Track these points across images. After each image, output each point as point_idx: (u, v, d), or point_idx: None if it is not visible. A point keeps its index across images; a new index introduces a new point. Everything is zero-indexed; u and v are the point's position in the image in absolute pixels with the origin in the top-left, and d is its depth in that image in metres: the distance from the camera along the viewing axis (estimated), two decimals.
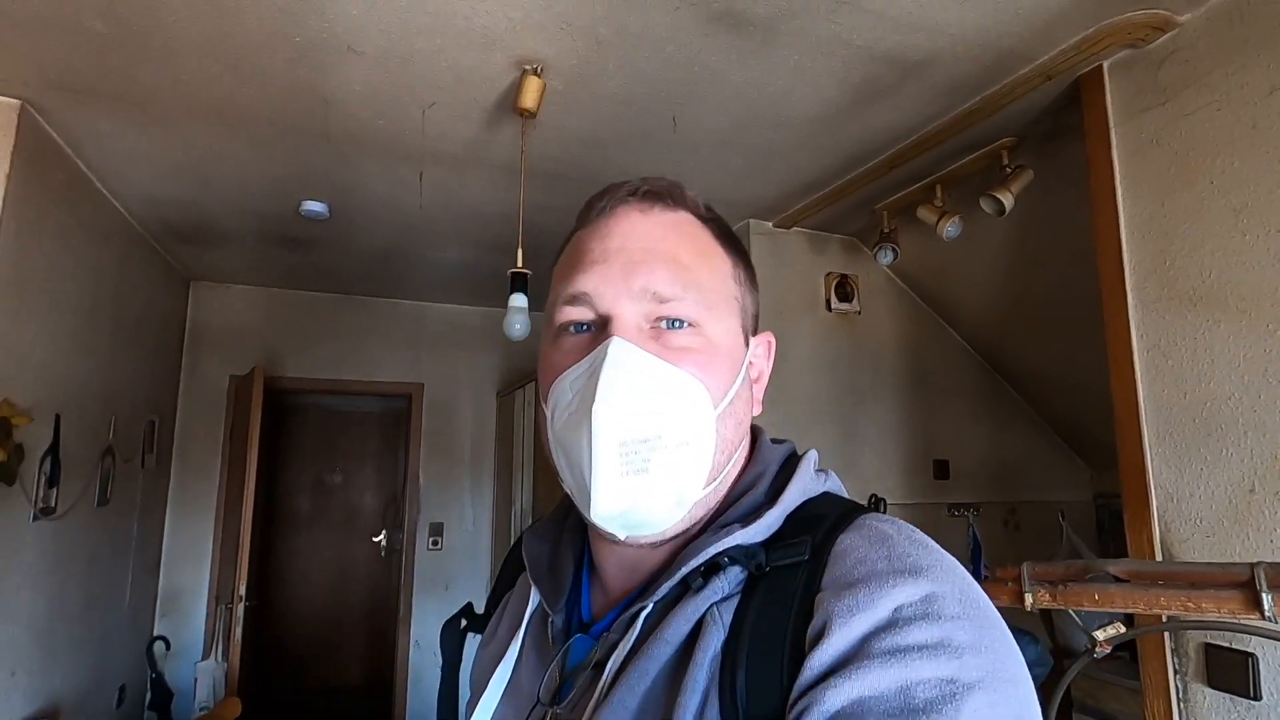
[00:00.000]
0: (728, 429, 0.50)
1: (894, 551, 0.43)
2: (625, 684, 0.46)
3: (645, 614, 0.48)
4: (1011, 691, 0.38)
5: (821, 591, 0.43)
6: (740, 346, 0.54)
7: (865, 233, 2.86)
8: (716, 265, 0.53)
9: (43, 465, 2.14)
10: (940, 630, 0.39)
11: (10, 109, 1.84)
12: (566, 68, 1.69)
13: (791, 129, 2.01)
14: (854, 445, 2.79)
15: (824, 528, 0.47)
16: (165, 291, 3.31)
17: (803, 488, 0.52)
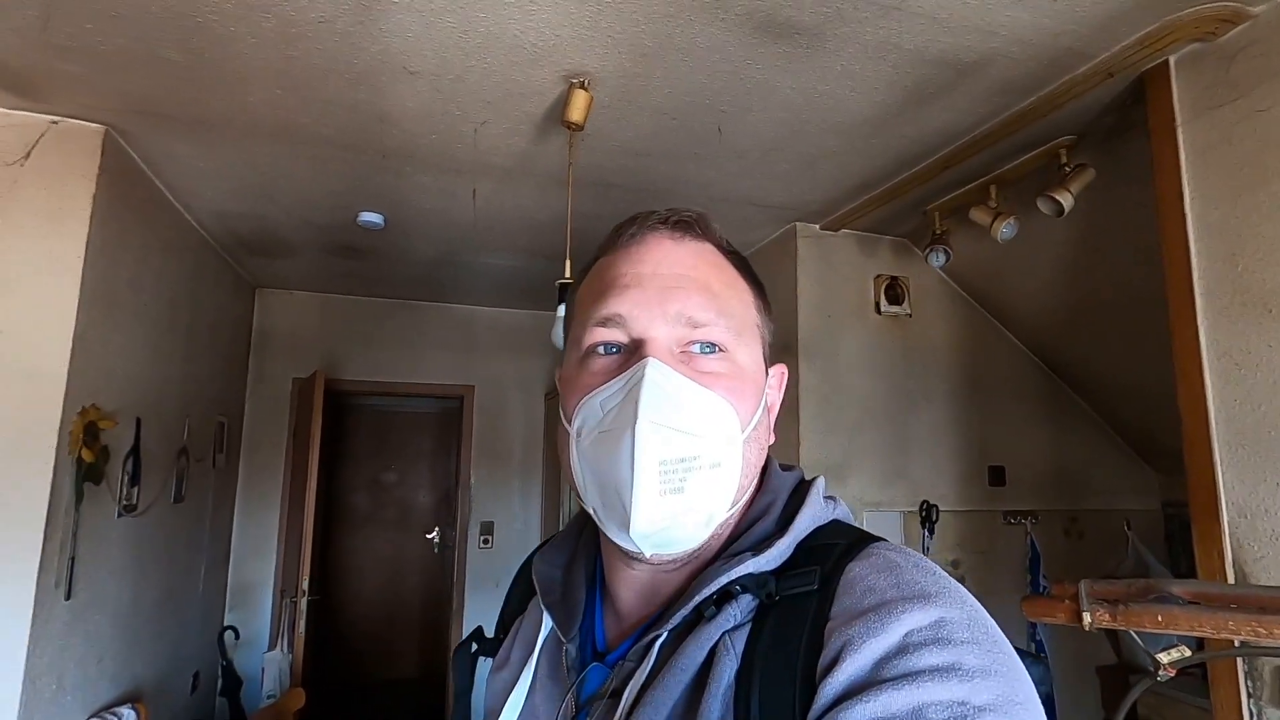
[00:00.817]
0: (752, 453, 0.51)
1: (902, 579, 0.44)
2: (641, 714, 0.46)
3: (660, 642, 0.49)
4: (1022, 714, 0.38)
5: (832, 620, 0.43)
6: (762, 374, 0.55)
7: (916, 234, 2.80)
8: (742, 295, 0.55)
9: (125, 465, 2.29)
10: (951, 654, 0.39)
11: (96, 134, 1.97)
12: (612, 81, 1.71)
13: (840, 133, 1.99)
14: (905, 450, 2.74)
15: (833, 557, 0.48)
16: (234, 299, 3.48)
17: (813, 516, 0.52)
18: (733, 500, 0.50)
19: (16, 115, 1.88)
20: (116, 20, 1.50)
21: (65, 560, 1.94)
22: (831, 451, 2.63)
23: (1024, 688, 0.40)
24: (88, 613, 2.09)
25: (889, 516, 2.67)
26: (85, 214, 1.93)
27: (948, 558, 2.74)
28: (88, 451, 1.99)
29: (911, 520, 2.71)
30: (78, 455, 1.95)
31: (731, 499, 0.50)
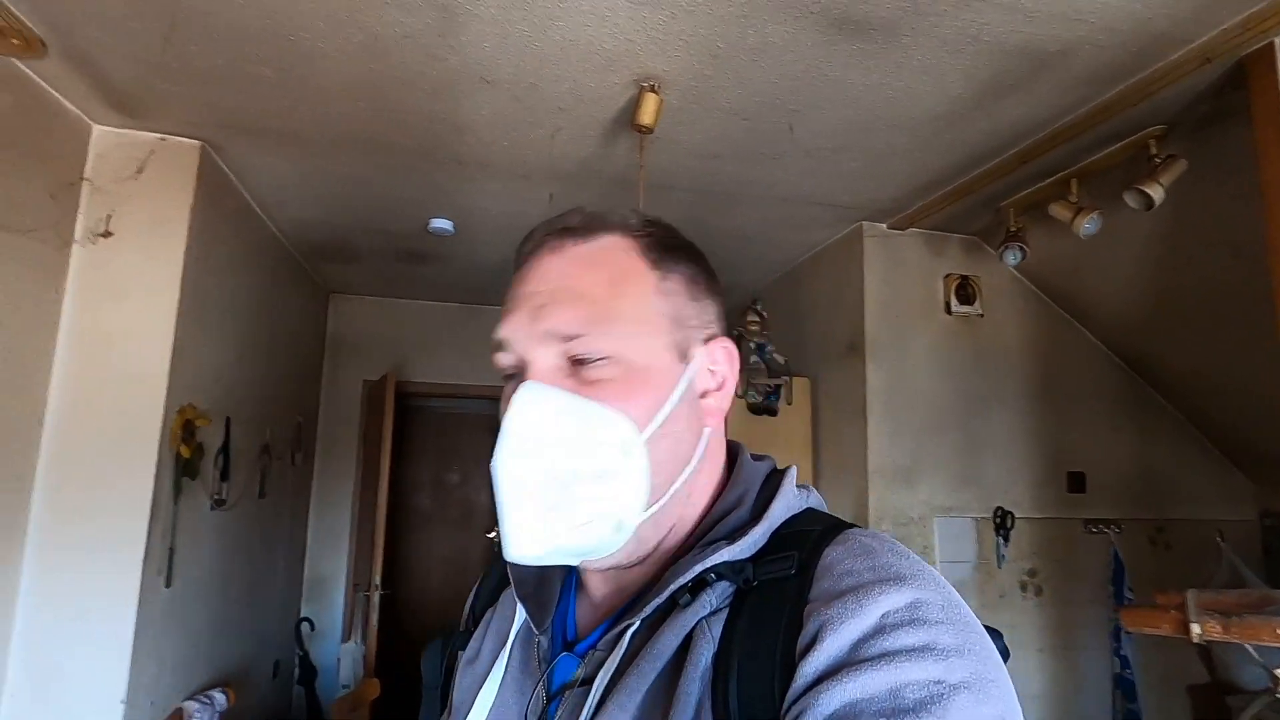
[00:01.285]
0: (661, 451, 0.50)
1: (878, 563, 0.45)
2: (615, 700, 0.46)
3: (633, 631, 0.49)
4: (994, 690, 0.40)
5: (810, 603, 0.44)
6: (672, 365, 0.52)
7: (988, 232, 2.71)
8: (636, 288, 0.52)
9: (216, 462, 2.42)
10: (926, 634, 0.40)
11: (194, 149, 2.10)
12: (682, 83, 1.72)
13: (912, 129, 1.95)
14: (977, 455, 2.66)
15: (809, 543, 0.48)
16: (309, 304, 3.64)
17: (786, 504, 0.53)
18: (647, 501, 0.49)
19: (128, 134, 2.02)
20: (217, 41, 1.60)
21: (165, 550, 2.06)
22: (899, 455, 2.57)
23: (995, 666, 0.41)
24: (184, 600, 2.21)
25: (961, 523, 2.60)
26: (184, 226, 2.06)
27: (1024, 566, 2.64)
28: (185, 448, 2.12)
29: (985, 527, 2.62)
30: (176, 451, 2.08)
31: (643, 500, 0.49)
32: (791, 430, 2.89)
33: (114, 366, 1.94)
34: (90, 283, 1.94)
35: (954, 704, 0.38)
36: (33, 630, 1.81)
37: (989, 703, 0.39)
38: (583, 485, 0.48)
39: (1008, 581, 2.62)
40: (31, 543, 1.83)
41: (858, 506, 2.59)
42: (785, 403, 2.89)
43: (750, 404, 2.85)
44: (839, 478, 2.74)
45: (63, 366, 1.90)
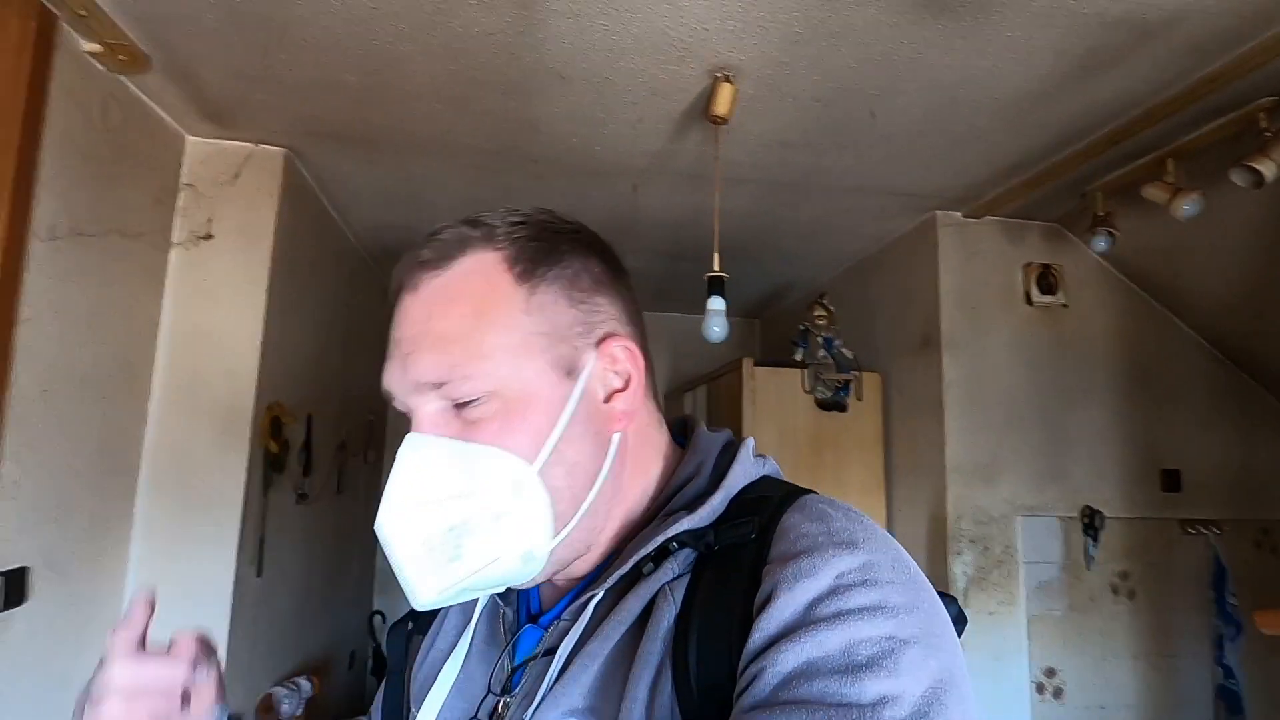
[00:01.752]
0: (559, 476, 0.48)
1: (832, 526, 0.47)
2: (579, 663, 0.47)
3: (596, 601, 0.50)
4: (941, 644, 0.42)
5: (769, 565, 0.46)
6: (555, 385, 0.49)
7: (1071, 218, 2.59)
8: (501, 312, 0.49)
9: (300, 457, 2.51)
10: (878, 594, 0.42)
11: (278, 157, 2.18)
12: (757, 72, 1.70)
13: (994, 110, 1.88)
14: (1061, 452, 2.54)
15: (769, 508, 0.50)
16: (382, 306, 3.74)
17: (744, 471, 0.54)
18: (555, 528, 0.48)
19: (218, 144, 2.11)
20: (307, 50, 1.66)
21: (256, 541, 2.15)
22: (978, 451, 2.48)
23: (942, 622, 0.44)
24: (273, 590, 2.30)
25: (1046, 522, 2.48)
26: (270, 231, 2.14)
27: (1115, 568, 2.51)
28: (273, 444, 2.20)
29: (1072, 527, 2.50)
30: (265, 447, 2.16)
31: (550, 528, 0.48)
32: (862, 427, 2.82)
33: (209, 365, 2.04)
34: (187, 284, 2.04)
35: (904, 657, 0.39)
36: None
37: (936, 655, 0.41)
38: (478, 531, 0.47)
39: (1097, 584, 2.49)
40: (138, 533, 1.93)
41: (935, 505, 2.51)
42: (855, 398, 2.82)
43: (819, 400, 2.80)
44: (913, 476, 2.66)
45: (164, 365, 2.00)
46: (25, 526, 1.52)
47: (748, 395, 2.75)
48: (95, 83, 1.68)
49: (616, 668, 0.47)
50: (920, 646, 0.40)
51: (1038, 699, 2.39)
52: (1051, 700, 2.40)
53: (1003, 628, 2.39)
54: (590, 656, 0.48)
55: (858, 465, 2.79)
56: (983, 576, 2.42)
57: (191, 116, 1.99)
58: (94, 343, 1.73)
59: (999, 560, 2.44)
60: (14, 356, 1.48)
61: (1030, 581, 2.45)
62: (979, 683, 2.34)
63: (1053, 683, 2.41)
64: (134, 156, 1.85)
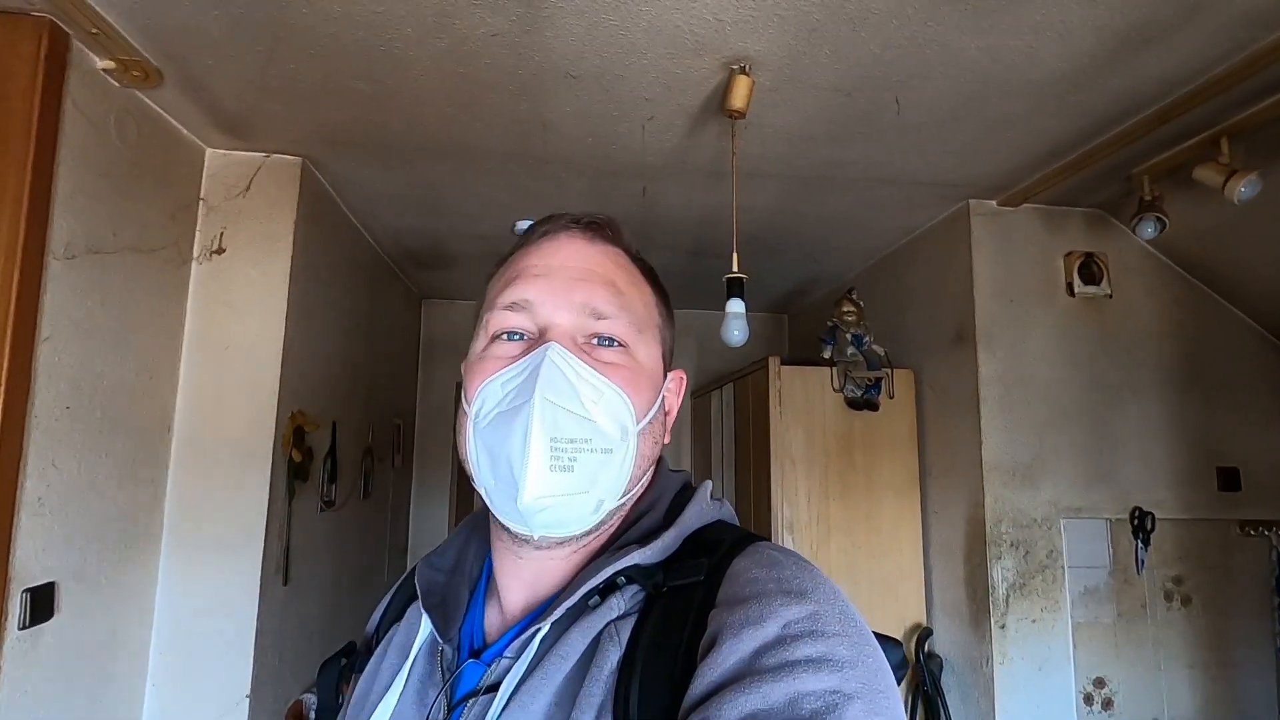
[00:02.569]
0: (646, 445, 0.54)
1: (782, 574, 0.46)
2: (518, 702, 0.47)
3: (541, 634, 0.49)
4: (884, 701, 0.41)
5: (715, 609, 0.45)
6: (660, 374, 0.57)
7: (1115, 204, 2.46)
8: (645, 297, 0.58)
9: (325, 465, 2.52)
10: (824, 646, 0.42)
11: (295, 166, 2.18)
12: (775, 63, 1.63)
13: (1031, 94, 1.77)
14: (1108, 450, 2.41)
15: (720, 551, 0.49)
16: (404, 310, 3.76)
17: (699, 512, 0.55)
18: (624, 489, 0.52)
19: (236, 155, 2.12)
20: (315, 58, 1.64)
21: (281, 549, 2.16)
22: (1018, 451, 2.37)
23: (886, 676, 0.43)
24: (300, 596, 2.32)
25: (1093, 525, 2.36)
26: (289, 239, 2.14)
27: (1168, 573, 2.38)
28: (297, 452, 2.21)
29: (1120, 529, 2.37)
30: (289, 456, 2.17)
31: (622, 488, 0.52)
32: (894, 426, 2.73)
33: (231, 376, 2.04)
34: (208, 296, 2.05)
35: (847, 713, 0.39)
36: (170, 626, 1.93)
37: (879, 712, 0.40)
38: (589, 455, 0.50)
39: (1149, 590, 2.36)
40: (166, 543, 1.95)
41: (971, 507, 2.41)
42: (886, 396, 2.73)
43: (848, 399, 2.71)
44: (949, 476, 2.56)
45: (187, 377, 2.02)
46: (52, 543, 1.54)
47: (774, 395, 2.67)
48: (109, 99, 1.69)
49: (559, 709, 0.46)
50: (864, 703, 0.40)
51: (1085, 710, 2.28)
52: (1100, 712, 2.28)
53: (1047, 636, 2.29)
54: (532, 693, 0.47)
55: (890, 466, 2.70)
56: (1024, 582, 2.31)
57: (208, 129, 2.00)
58: (116, 359, 1.74)
59: (1042, 565, 2.33)
60: (36, 375, 1.49)
61: (1075, 587, 2.33)
62: (1022, 693, 2.24)
63: (1102, 693, 2.29)
64: (151, 172, 1.85)
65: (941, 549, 2.60)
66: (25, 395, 1.47)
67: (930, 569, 2.67)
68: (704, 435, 3.86)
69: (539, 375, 0.49)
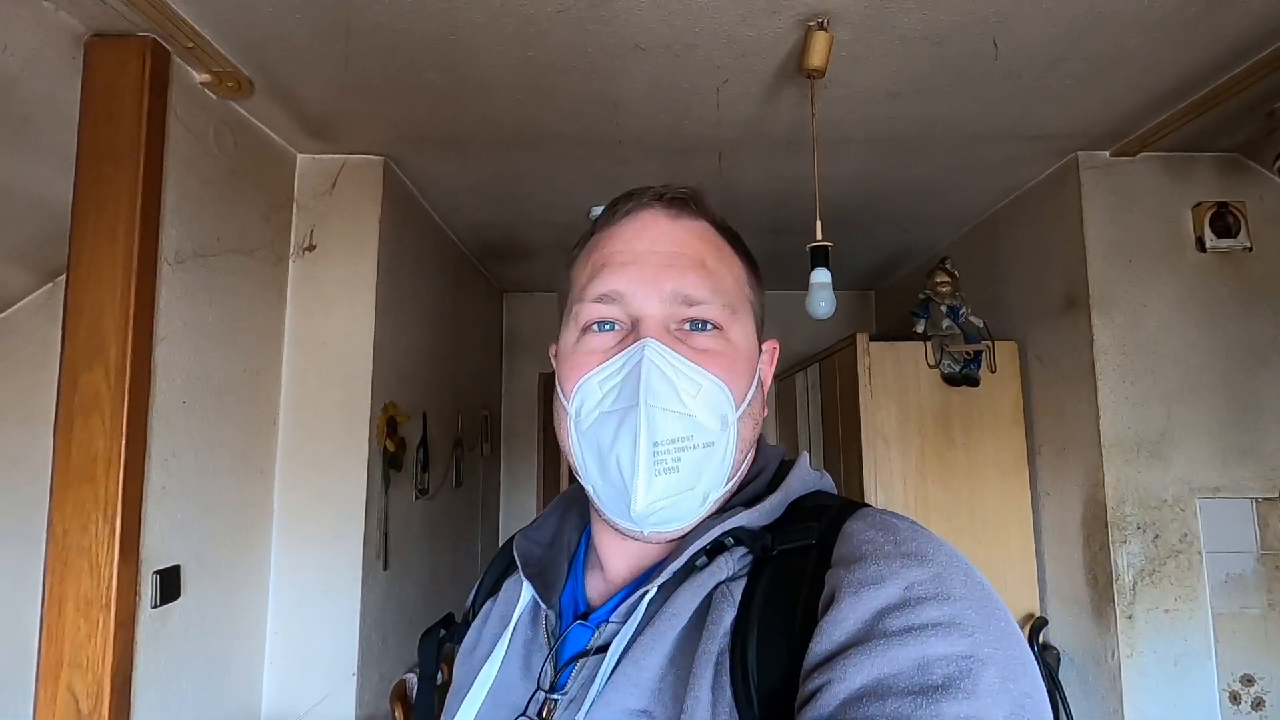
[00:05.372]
0: (746, 429, 0.53)
1: (899, 537, 0.44)
2: (631, 661, 0.46)
3: (649, 597, 0.48)
4: (1019, 668, 0.38)
5: (832, 569, 0.43)
6: (755, 351, 0.56)
7: (1255, 145, 2.18)
8: (736, 271, 0.55)
9: (418, 455, 2.61)
10: (952, 609, 0.39)
11: (378, 165, 2.25)
12: (856, 14, 1.52)
13: (1149, 25, 1.58)
14: (1250, 422, 2.15)
15: (829, 515, 0.48)
16: (487, 303, 3.85)
17: (802, 479, 0.54)
18: (727, 477, 0.52)
19: (322, 159, 2.21)
20: (389, 53, 1.67)
21: (380, 536, 2.25)
22: (1144, 426, 2.15)
23: (1021, 645, 0.40)
24: (399, 581, 2.41)
25: (1236, 505, 2.12)
26: (375, 237, 2.21)
27: None
28: (390, 443, 2.29)
29: (1269, 509, 2.12)
30: (383, 446, 2.25)
31: (726, 475, 0.52)
32: (998, 402, 2.55)
33: (328, 371, 2.14)
34: (303, 294, 2.15)
35: (982, 680, 0.36)
36: (283, 607, 2.05)
37: (1017, 680, 0.37)
38: (692, 452, 0.49)
39: None
40: (276, 530, 2.07)
41: (1090, 487, 2.21)
42: (988, 370, 2.55)
43: (945, 374, 2.55)
44: (1063, 454, 2.36)
45: (288, 373, 2.12)
46: (176, 528, 1.66)
47: (863, 372, 2.55)
48: (208, 111, 1.78)
49: (673, 666, 0.46)
50: (999, 669, 0.37)
51: (1232, 710, 2.05)
52: (1250, 712, 2.05)
53: (1183, 628, 2.07)
54: (645, 650, 0.46)
55: (994, 445, 2.52)
56: (1154, 569, 2.11)
57: (298, 134, 2.09)
58: (223, 356, 1.85)
59: (1175, 550, 2.11)
60: (155, 373, 1.60)
61: (1216, 574, 2.10)
62: (1155, 690, 2.05)
63: (1251, 692, 2.06)
64: (248, 177, 1.95)
65: (1055, 533, 2.41)
66: (147, 391, 1.58)
67: (1043, 555, 2.48)
68: (789, 419, 3.75)
69: (640, 378, 0.48)
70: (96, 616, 1.48)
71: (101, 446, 1.51)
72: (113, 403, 1.52)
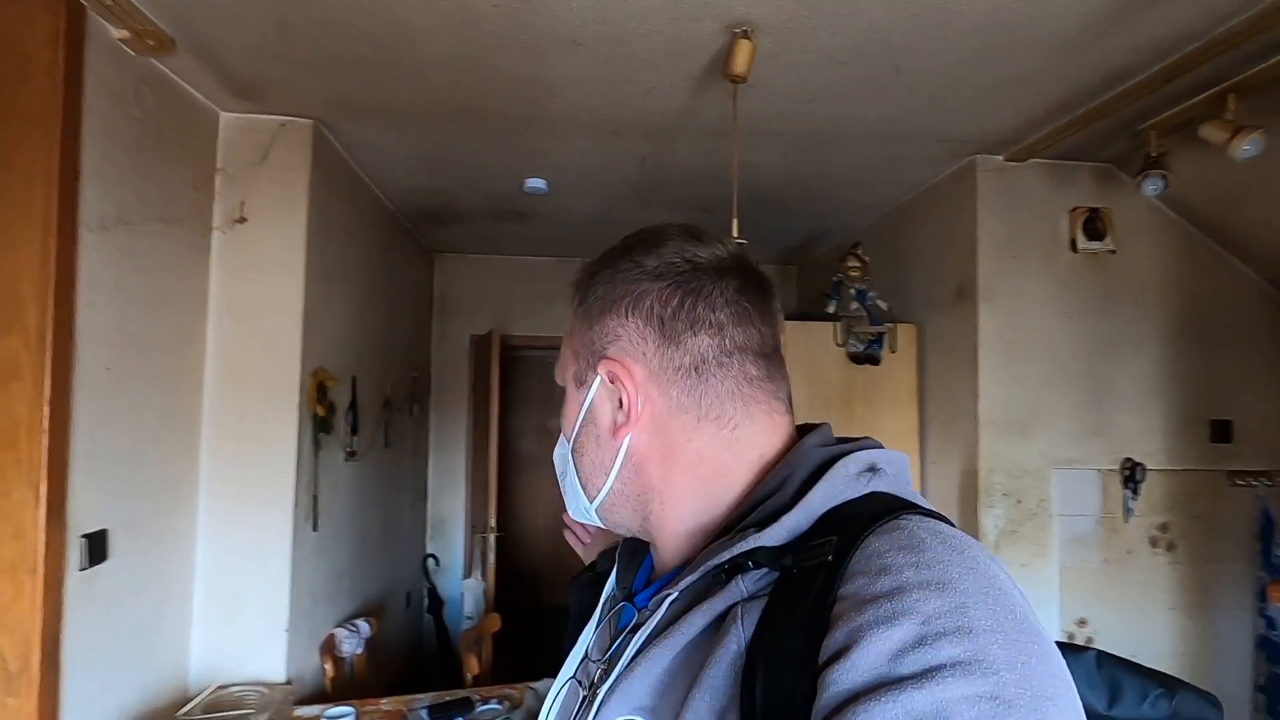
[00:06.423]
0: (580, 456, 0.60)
1: (924, 558, 0.41)
2: (641, 665, 0.49)
3: (670, 600, 0.51)
4: (1051, 711, 0.35)
5: (840, 602, 0.41)
6: (577, 391, 0.60)
7: (1123, 159, 2.45)
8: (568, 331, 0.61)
9: (347, 418, 2.64)
10: (974, 645, 0.37)
11: (307, 128, 2.22)
12: (777, 27, 1.63)
13: (1037, 52, 1.77)
14: (1105, 403, 2.47)
15: (853, 528, 0.45)
16: (418, 265, 3.83)
17: (831, 490, 0.49)
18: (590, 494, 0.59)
19: (250, 119, 2.16)
20: (323, 26, 1.66)
21: (310, 498, 2.30)
22: (1015, 405, 2.44)
23: (1054, 679, 0.37)
24: (329, 541, 2.48)
25: (1084, 475, 2.45)
26: (304, 202, 2.20)
27: (1154, 521, 2.48)
28: (320, 407, 2.33)
29: (1111, 480, 2.46)
30: (313, 411, 2.29)
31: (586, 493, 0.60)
32: (896, 380, 2.80)
33: (256, 337, 2.14)
34: (230, 262, 2.13)
35: None
36: (212, 567, 2.09)
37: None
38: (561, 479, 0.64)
39: (1135, 537, 2.46)
40: (203, 493, 2.09)
41: (967, 459, 2.50)
42: (889, 351, 2.79)
43: (851, 353, 2.77)
44: (948, 429, 2.64)
45: (214, 340, 2.12)
46: (103, 493, 1.67)
47: None
48: (128, 69, 1.73)
49: (675, 680, 0.46)
50: (1025, 711, 0.35)
51: None
52: None
53: (1035, 579, 2.40)
54: (653, 660, 0.48)
55: (891, 419, 2.78)
56: (1014, 529, 2.42)
57: (223, 93, 2.04)
58: (151, 321, 1.84)
59: (1032, 513, 2.43)
60: (77, 339, 1.60)
61: (1064, 534, 2.43)
62: None
63: (1084, 631, 2.42)
64: (174, 142, 1.91)
65: (938, 499, 2.70)
66: (70, 357, 1.57)
67: None
68: None
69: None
70: (22, 580, 1.50)
71: (23, 413, 1.51)
72: (33, 369, 1.51)
